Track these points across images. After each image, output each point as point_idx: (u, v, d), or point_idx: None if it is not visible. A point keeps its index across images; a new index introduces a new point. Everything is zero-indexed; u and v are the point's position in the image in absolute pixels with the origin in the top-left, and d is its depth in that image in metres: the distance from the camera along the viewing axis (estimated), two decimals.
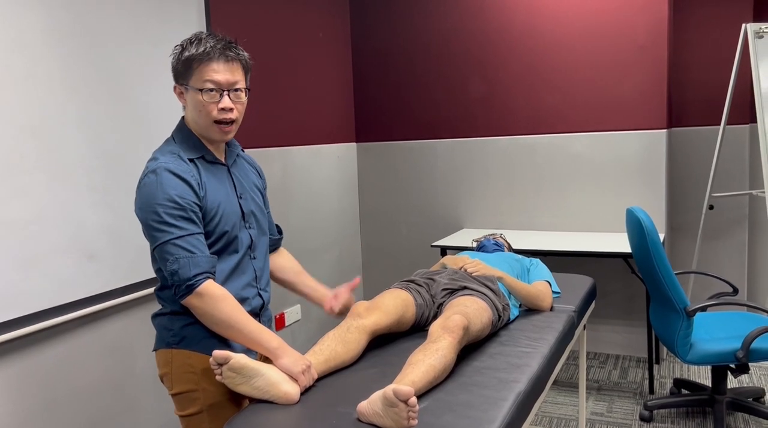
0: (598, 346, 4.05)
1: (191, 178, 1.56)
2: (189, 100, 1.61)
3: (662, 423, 3.06)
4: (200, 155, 1.63)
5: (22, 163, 2.17)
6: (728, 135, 4.13)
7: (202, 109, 1.58)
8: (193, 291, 1.50)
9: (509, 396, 1.51)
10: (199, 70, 1.56)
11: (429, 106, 4.26)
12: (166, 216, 1.50)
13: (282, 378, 1.50)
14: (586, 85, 3.82)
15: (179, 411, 1.65)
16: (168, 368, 1.63)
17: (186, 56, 1.57)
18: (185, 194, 1.53)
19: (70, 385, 2.41)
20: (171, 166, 1.54)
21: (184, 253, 1.50)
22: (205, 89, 1.56)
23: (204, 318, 1.53)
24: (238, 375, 1.46)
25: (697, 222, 4.23)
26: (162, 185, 1.51)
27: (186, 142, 1.63)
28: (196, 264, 1.50)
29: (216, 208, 1.60)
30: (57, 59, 2.29)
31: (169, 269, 1.50)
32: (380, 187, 4.49)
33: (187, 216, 1.52)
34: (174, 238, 1.50)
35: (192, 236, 1.52)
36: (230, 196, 1.67)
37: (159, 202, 1.50)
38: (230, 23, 3.23)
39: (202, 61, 1.55)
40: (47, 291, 2.26)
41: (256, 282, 1.73)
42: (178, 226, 1.51)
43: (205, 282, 1.51)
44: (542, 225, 4.03)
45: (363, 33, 4.40)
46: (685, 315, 2.71)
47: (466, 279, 2.09)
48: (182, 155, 1.60)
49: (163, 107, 2.76)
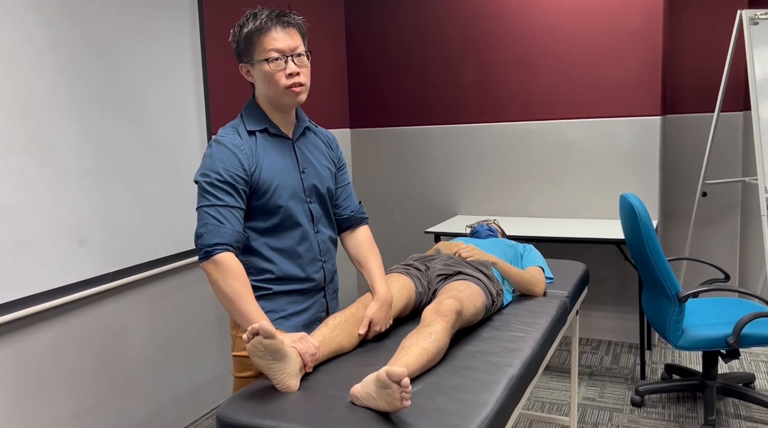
0: (591, 332, 4.07)
1: (241, 152, 1.64)
2: (257, 75, 1.67)
3: (653, 407, 3.09)
4: (263, 127, 1.71)
5: (11, 147, 2.15)
6: (722, 122, 4.13)
7: (271, 78, 1.64)
8: (209, 257, 1.57)
9: (502, 380, 1.51)
10: (260, 43, 1.63)
11: (423, 92, 4.24)
12: (208, 186, 1.61)
13: (296, 371, 1.48)
14: (580, 71, 3.81)
15: (236, 372, 1.76)
16: (235, 331, 1.75)
17: (245, 32, 1.64)
18: (232, 167, 1.62)
19: (63, 370, 2.40)
20: (226, 139, 1.65)
21: (213, 221, 1.59)
22: (270, 59, 1.63)
23: (213, 286, 1.60)
24: (267, 352, 1.41)
25: (690, 208, 4.24)
26: (213, 157, 1.62)
27: (251, 116, 1.72)
28: (219, 234, 1.58)
29: (270, 182, 1.67)
30: (47, 42, 2.26)
31: (197, 232, 1.61)
32: (374, 173, 4.47)
33: (227, 189, 1.61)
34: (209, 206, 1.60)
35: (226, 208, 1.60)
36: (291, 170, 1.72)
37: (207, 172, 1.61)
38: (222, 6, 3.20)
39: (261, 32, 1.62)
40: (38, 275, 2.25)
41: (321, 255, 1.80)
42: (216, 196, 1.60)
43: (223, 252, 1.57)
44: (536, 212, 4.04)
45: (357, 18, 4.37)
46: (677, 301, 2.72)
47: (461, 264, 2.08)
48: (242, 129, 1.69)
49: (154, 90, 2.73)
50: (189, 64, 2.92)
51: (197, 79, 2.97)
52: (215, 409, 3.23)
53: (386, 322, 1.77)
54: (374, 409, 1.35)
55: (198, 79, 2.98)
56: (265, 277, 1.72)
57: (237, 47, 1.69)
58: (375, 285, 1.80)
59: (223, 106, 3.22)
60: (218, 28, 3.18)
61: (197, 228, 1.61)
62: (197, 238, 1.60)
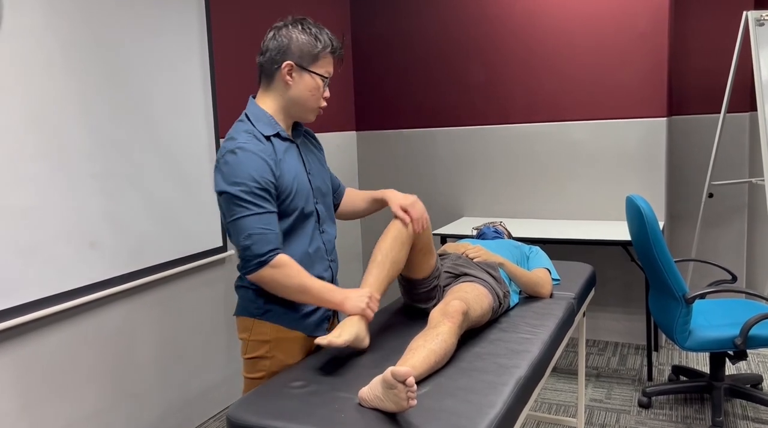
0: (598, 333, 4.07)
1: (269, 157, 1.65)
2: (302, 82, 1.71)
3: (660, 409, 3.08)
4: (275, 132, 1.72)
5: (23, 151, 2.17)
6: (728, 123, 4.12)
7: (315, 92, 1.73)
8: (264, 265, 1.60)
9: (509, 382, 1.52)
10: (325, 61, 1.73)
11: (429, 94, 4.26)
12: (245, 194, 1.60)
13: (363, 338, 1.69)
14: (586, 72, 3.81)
15: (247, 373, 1.79)
16: (246, 334, 1.77)
17: (321, 44, 1.71)
18: (264, 173, 1.63)
19: (73, 372, 2.42)
20: (250, 145, 1.64)
21: (259, 230, 1.60)
22: (326, 78, 1.74)
23: (276, 287, 1.64)
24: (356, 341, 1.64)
25: (697, 210, 4.23)
26: (242, 164, 1.61)
27: (261, 120, 1.72)
28: (268, 242, 1.61)
29: (290, 186, 1.70)
30: (57, 47, 2.29)
31: (242, 244, 1.61)
32: (380, 176, 4.48)
33: (263, 196, 1.62)
34: (250, 215, 1.60)
35: (266, 214, 1.62)
36: (302, 173, 1.77)
37: (239, 181, 1.60)
38: (230, 9, 3.22)
39: (327, 52, 1.73)
40: (48, 278, 2.27)
41: (327, 254, 1.85)
42: (256, 204, 1.61)
43: (275, 256, 1.62)
44: (542, 214, 4.04)
45: (362, 21, 4.38)
46: (684, 303, 2.72)
47: (468, 265, 2.09)
48: (258, 134, 1.68)
49: (163, 94, 2.75)
50: (197, 68, 2.94)
51: (205, 83, 3.00)
52: (224, 410, 3.24)
53: (416, 206, 1.82)
54: (382, 410, 1.36)
55: (206, 83, 3.00)
56: None
57: (292, 46, 1.69)
58: (377, 193, 1.94)
59: (230, 109, 3.24)
60: (226, 32, 3.20)
61: (241, 240, 1.60)
62: (244, 250, 1.60)
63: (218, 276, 3.18)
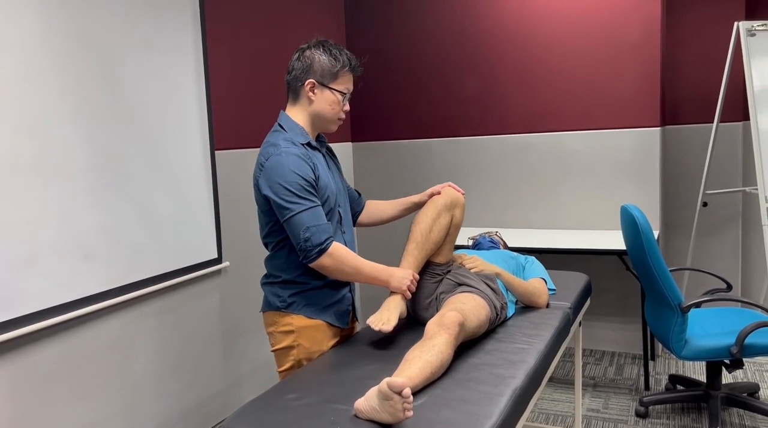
0: (594, 343, 4.07)
1: (309, 160, 1.84)
2: (323, 97, 1.91)
3: (658, 418, 3.08)
4: (307, 141, 1.90)
5: (17, 163, 2.17)
6: (721, 132, 4.15)
7: (336, 107, 1.93)
8: (324, 253, 1.80)
9: (506, 392, 1.52)
10: (344, 78, 1.93)
11: (424, 105, 4.28)
12: (296, 192, 1.78)
13: (404, 313, 1.91)
14: (580, 83, 3.84)
15: (278, 367, 1.96)
16: (273, 327, 1.95)
17: (340, 64, 1.90)
18: (308, 173, 1.82)
19: (68, 385, 2.41)
20: (293, 149, 1.82)
21: (314, 222, 1.79)
22: (345, 94, 1.93)
23: (335, 272, 1.83)
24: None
25: (691, 219, 4.25)
26: (288, 165, 1.79)
27: (294, 130, 1.90)
28: (324, 231, 1.80)
29: (326, 189, 1.90)
30: (52, 59, 2.29)
31: (303, 236, 1.78)
32: (376, 186, 4.49)
33: (312, 191, 1.82)
34: (304, 210, 1.79)
35: (317, 207, 1.82)
36: (331, 179, 1.96)
37: (288, 180, 1.78)
38: (225, 21, 3.24)
39: (347, 71, 1.93)
40: (44, 291, 2.26)
41: None
42: (307, 199, 1.80)
43: (332, 244, 1.81)
44: (537, 223, 4.05)
45: (358, 32, 4.41)
46: (679, 312, 2.72)
47: (468, 275, 2.09)
48: (295, 140, 1.86)
49: (158, 106, 2.76)
50: (192, 80, 2.95)
51: (200, 95, 3.00)
52: (221, 423, 3.23)
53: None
54: (378, 422, 1.36)
55: (201, 95, 3.01)
56: (305, 271, 1.92)
57: (314, 65, 1.88)
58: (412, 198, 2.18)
59: (225, 121, 3.25)
60: (221, 44, 3.21)
61: (301, 234, 1.78)
62: (305, 242, 1.78)
63: (214, 287, 3.18)
